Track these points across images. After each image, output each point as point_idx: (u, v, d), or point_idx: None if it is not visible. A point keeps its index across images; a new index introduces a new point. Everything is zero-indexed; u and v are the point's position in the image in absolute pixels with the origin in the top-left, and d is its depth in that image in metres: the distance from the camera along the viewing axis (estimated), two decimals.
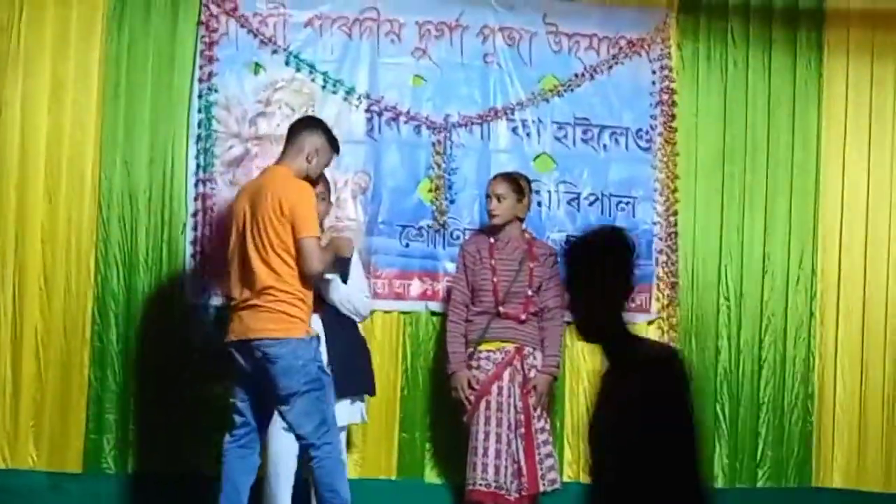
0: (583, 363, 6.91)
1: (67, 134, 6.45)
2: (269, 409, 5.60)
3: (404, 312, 6.66)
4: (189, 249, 6.47)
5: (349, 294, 5.92)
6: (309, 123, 5.74)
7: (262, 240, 5.42)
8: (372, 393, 6.18)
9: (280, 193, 5.41)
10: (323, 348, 5.76)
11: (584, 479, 6.71)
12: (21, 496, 6.25)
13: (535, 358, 6.19)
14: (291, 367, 5.40)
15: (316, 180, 5.70)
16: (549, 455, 6.20)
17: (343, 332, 5.96)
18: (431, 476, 6.69)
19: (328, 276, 5.75)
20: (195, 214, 6.49)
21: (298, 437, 5.54)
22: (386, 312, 6.65)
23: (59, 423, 6.38)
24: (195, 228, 6.48)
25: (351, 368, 5.93)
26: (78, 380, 6.40)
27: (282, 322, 5.42)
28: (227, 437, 5.62)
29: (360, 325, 6.12)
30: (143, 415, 6.44)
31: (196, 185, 6.49)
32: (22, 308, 6.39)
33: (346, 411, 5.96)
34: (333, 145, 5.73)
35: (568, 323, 6.30)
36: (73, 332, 6.41)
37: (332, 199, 6.35)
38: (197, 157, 6.51)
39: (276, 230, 5.39)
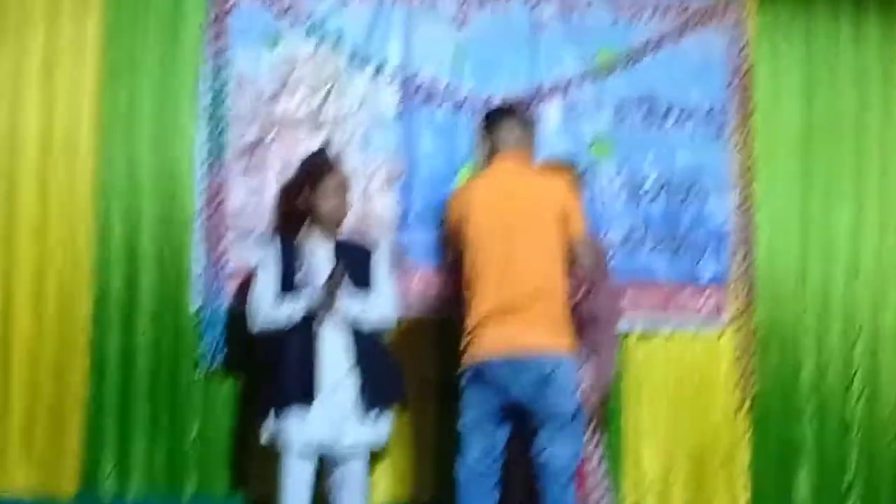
0: (644, 375, 6.53)
1: (61, 118, 6.12)
2: (513, 431, 5.37)
3: (444, 317, 6.18)
4: (198, 246, 6.12)
5: (367, 310, 5.62)
6: (531, 118, 5.71)
7: (539, 240, 5.27)
8: (402, 403, 5.84)
9: (553, 189, 5.36)
10: (345, 356, 5.49)
11: None
12: None
13: (585, 370, 5.68)
14: (567, 387, 5.21)
15: None
16: (602, 479, 5.80)
17: (365, 337, 5.60)
18: None
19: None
20: (205, 207, 6.13)
21: (544, 466, 5.22)
22: (420, 313, 6.25)
23: (53, 441, 6.03)
24: (205, 223, 6.12)
25: (376, 379, 5.56)
26: (74, 392, 6.05)
27: (560, 336, 5.26)
28: (465, 470, 5.34)
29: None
30: (147, 432, 6.10)
31: (206, 174, 6.15)
32: (11, 312, 6.05)
33: (369, 430, 5.56)
34: None
35: (626, 330, 6.21)
36: (68, 339, 6.06)
37: (360, 189, 6.15)
38: (207, 143, 6.16)
39: (554, 229, 5.27)
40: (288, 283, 5.55)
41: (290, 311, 5.48)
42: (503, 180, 5.38)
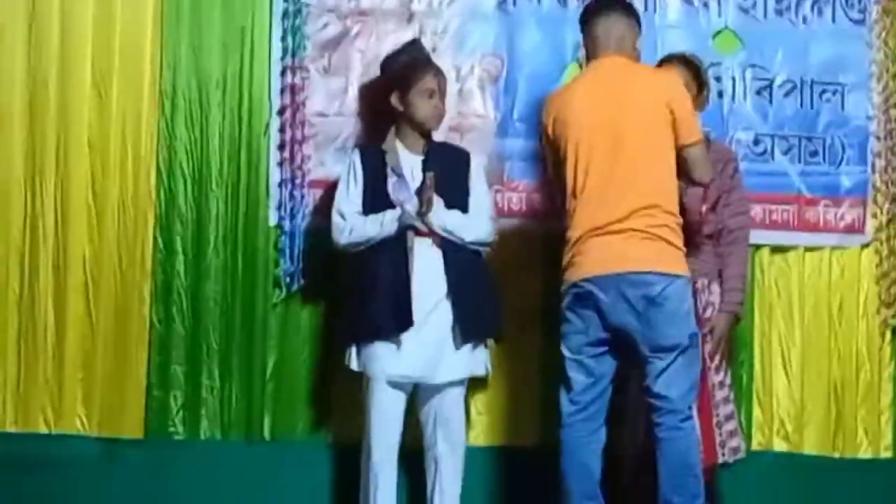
0: (776, 298, 6.12)
1: (119, 12, 5.77)
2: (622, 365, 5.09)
3: (546, 234, 5.82)
4: (275, 156, 5.81)
5: (464, 224, 5.31)
6: (635, 9, 5.35)
7: (647, 146, 4.96)
8: (497, 337, 5.55)
9: (662, 89, 5.02)
10: (440, 281, 5.21)
11: (779, 446, 6.14)
12: (68, 468, 5.63)
13: (710, 292, 5.47)
14: (678, 312, 4.91)
15: None
16: (730, 417, 5.53)
17: (462, 261, 5.28)
18: None
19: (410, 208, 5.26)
20: (282, 111, 5.80)
21: (658, 400, 4.91)
22: (522, 231, 5.90)
23: (114, 378, 5.75)
24: (282, 129, 5.80)
25: (473, 308, 5.25)
26: (137, 322, 5.78)
27: (670, 253, 4.93)
28: (567, 405, 5.05)
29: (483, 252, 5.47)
30: (219, 366, 5.82)
31: (283, 73, 5.82)
32: (66, 233, 5.75)
33: (466, 361, 5.26)
34: None
35: (755, 247, 5.87)
36: (130, 262, 5.77)
37: (454, 91, 5.73)
38: (283, 39, 5.83)
39: (664, 134, 4.97)
40: (376, 195, 5.30)
41: (377, 225, 5.21)
42: (605, 80, 5.07)
